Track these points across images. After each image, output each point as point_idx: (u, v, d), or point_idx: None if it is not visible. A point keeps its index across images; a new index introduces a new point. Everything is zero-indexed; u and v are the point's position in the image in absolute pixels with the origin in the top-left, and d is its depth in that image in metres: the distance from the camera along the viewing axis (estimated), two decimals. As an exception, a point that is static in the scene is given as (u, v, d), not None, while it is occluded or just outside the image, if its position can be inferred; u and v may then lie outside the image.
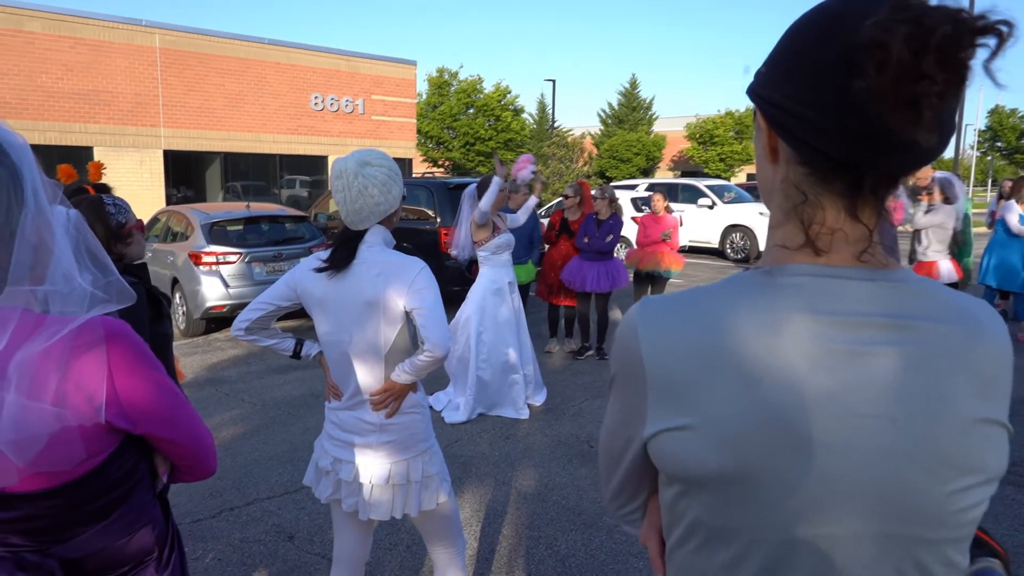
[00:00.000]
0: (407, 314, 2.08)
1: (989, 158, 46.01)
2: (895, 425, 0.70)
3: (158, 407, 1.13)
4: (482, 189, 5.26)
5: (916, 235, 6.45)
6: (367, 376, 2.12)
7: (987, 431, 0.73)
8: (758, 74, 0.79)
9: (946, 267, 6.32)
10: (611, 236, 6.43)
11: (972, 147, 45.30)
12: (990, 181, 47.82)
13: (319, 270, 2.09)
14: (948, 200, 6.28)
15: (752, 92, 0.80)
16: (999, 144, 44.92)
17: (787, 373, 0.70)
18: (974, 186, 42.59)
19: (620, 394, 0.82)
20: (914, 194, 6.76)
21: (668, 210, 7.29)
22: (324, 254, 2.13)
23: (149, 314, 2.32)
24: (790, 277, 0.74)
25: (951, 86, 0.64)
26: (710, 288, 0.78)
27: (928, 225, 6.24)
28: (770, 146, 0.78)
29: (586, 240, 6.47)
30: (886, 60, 0.63)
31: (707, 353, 0.73)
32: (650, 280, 7.02)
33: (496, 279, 5.28)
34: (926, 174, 6.42)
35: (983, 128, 44.66)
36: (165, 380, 1.16)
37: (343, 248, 2.09)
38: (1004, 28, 0.63)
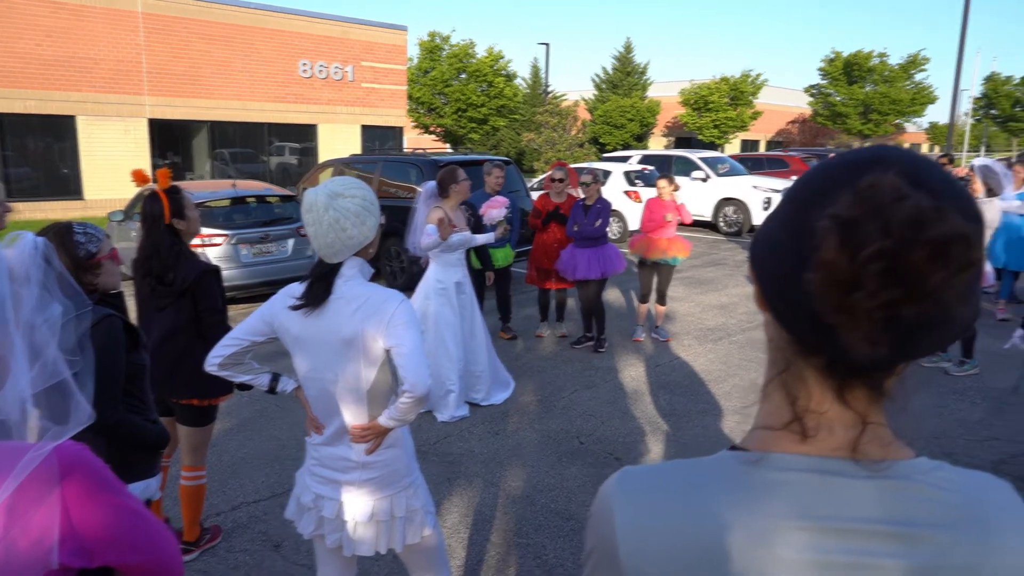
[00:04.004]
0: (387, 351, 2.00)
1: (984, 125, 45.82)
2: None
3: (120, 534, 1.06)
4: (443, 186, 5.12)
5: None
6: (348, 415, 2.06)
7: None
8: (766, 217, 0.72)
9: (988, 271, 5.80)
10: (600, 220, 6.32)
11: (967, 114, 45.07)
12: (983, 148, 47.74)
13: (294, 308, 2.00)
14: (991, 191, 5.59)
15: (754, 235, 0.73)
16: (993, 112, 44.67)
17: None
18: (968, 152, 42.49)
19: (598, 572, 0.75)
20: None
21: (674, 192, 6.88)
22: (299, 289, 2.04)
23: (126, 344, 2.24)
24: (777, 472, 0.66)
25: (905, 303, 0.56)
26: (694, 472, 0.70)
27: None
28: (759, 294, 0.71)
29: (576, 228, 6.36)
30: (822, 260, 0.57)
31: (690, 557, 0.66)
32: (655, 268, 6.81)
33: (442, 278, 5.09)
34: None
35: (978, 95, 44.38)
36: (126, 502, 1.09)
37: (318, 284, 2.00)
38: (969, 245, 0.56)
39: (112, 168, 16.36)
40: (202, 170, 18.83)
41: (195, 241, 7.45)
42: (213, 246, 7.69)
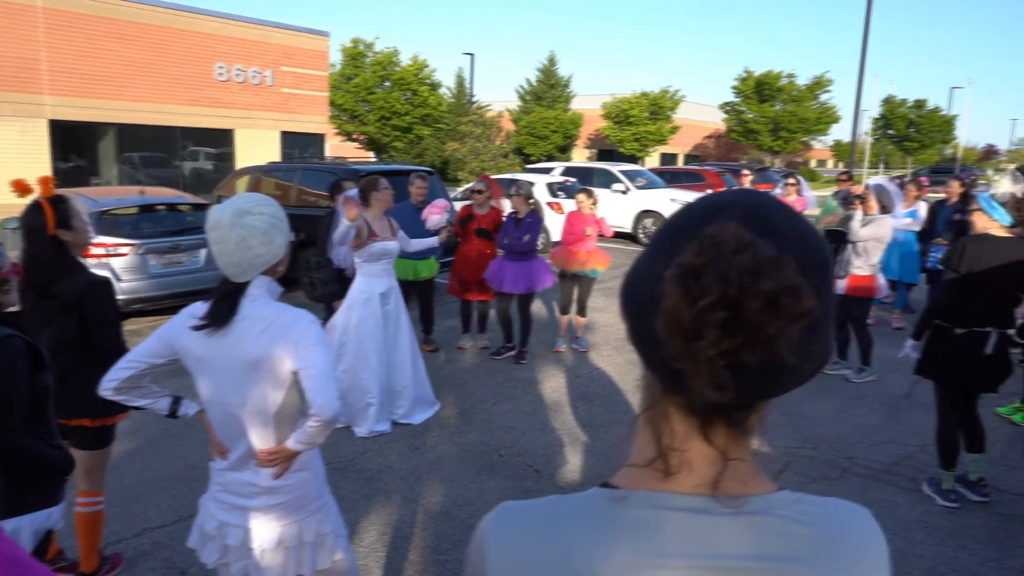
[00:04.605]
0: (295, 373, 1.95)
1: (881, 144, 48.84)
2: None
3: None
4: (364, 194, 5.02)
5: (853, 246, 6.03)
6: (255, 439, 1.99)
7: None
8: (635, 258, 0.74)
9: (882, 283, 6.14)
10: (528, 236, 6.37)
11: (867, 133, 47.91)
12: (882, 165, 50.81)
13: (196, 328, 1.93)
14: (885, 209, 5.99)
15: (624, 277, 0.74)
16: (891, 132, 47.66)
17: None
18: (868, 169, 45.15)
19: None
20: (847, 202, 6.58)
21: (593, 206, 6.84)
22: (202, 308, 1.97)
23: (28, 365, 2.10)
24: (640, 510, 0.67)
25: (746, 350, 0.58)
26: (565, 510, 0.71)
27: (869, 238, 5.92)
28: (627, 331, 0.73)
29: (506, 241, 6.40)
30: (665, 308, 0.58)
31: None
32: (575, 279, 6.84)
33: (366, 289, 4.97)
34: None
35: (877, 116, 47.25)
36: (10, 549, 1.01)
37: (223, 303, 1.93)
38: (798, 298, 0.57)
39: (7, 171, 15.30)
40: (109, 175, 17.91)
41: (99, 252, 7.14)
42: (118, 256, 7.33)
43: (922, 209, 8.07)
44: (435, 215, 5.92)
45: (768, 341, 0.57)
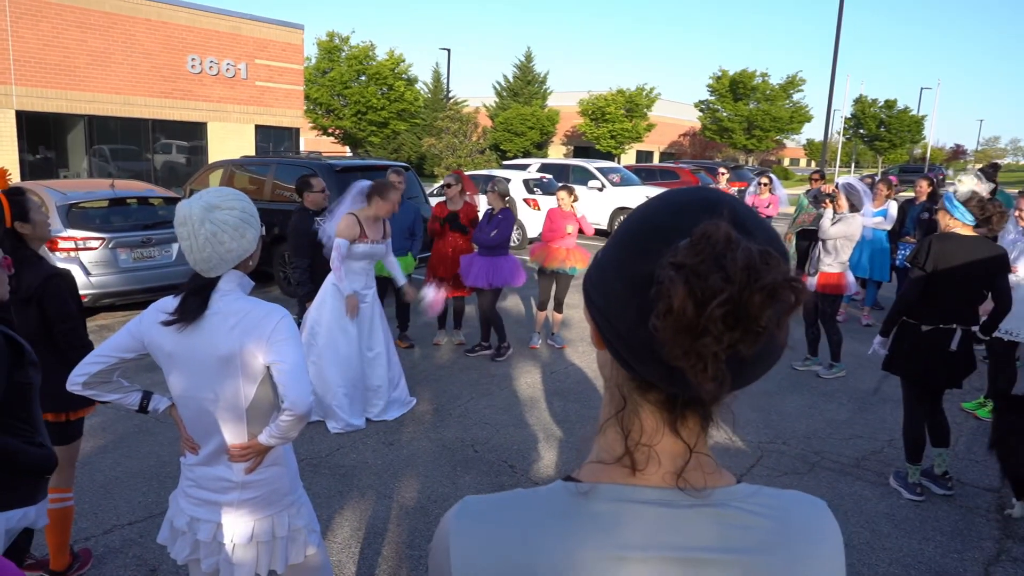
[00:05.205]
0: (267, 368, 1.94)
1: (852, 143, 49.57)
2: None
3: None
4: (369, 194, 4.98)
5: (823, 244, 6.16)
6: (227, 434, 1.98)
7: None
8: (593, 260, 0.75)
9: (851, 280, 6.25)
10: (495, 232, 6.38)
11: (839, 132, 48.63)
12: (853, 165, 51.58)
13: (166, 323, 1.91)
14: (854, 207, 6.11)
15: (585, 280, 0.75)
16: (861, 131, 48.41)
17: None
18: (839, 168, 45.80)
19: None
20: (817, 200, 6.64)
21: (574, 203, 6.81)
22: (171, 303, 1.95)
23: (8, 361, 2.04)
24: (604, 503, 0.68)
25: (742, 342, 0.59)
26: (528, 504, 0.72)
27: (838, 236, 6.05)
28: (597, 336, 0.73)
29: (477, 235, 6.42)
30: (669, 309, 0.59)
31: None
32: (554, 276, 6.83)
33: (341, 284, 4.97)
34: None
35: (848, 116, 47.96)
36: None
37: (193, 298, 1.91)
38: (794, 289, 0.59)
39: (-28, 163, 14.97)
40: (79, 167, 17.56)
41: (68, 245, 7.01)
42: (88, 250, 7.20)
43: (892, 208, 8.22)
44: (431, 296, 6.05)
45: (763, 331, 0.59)
